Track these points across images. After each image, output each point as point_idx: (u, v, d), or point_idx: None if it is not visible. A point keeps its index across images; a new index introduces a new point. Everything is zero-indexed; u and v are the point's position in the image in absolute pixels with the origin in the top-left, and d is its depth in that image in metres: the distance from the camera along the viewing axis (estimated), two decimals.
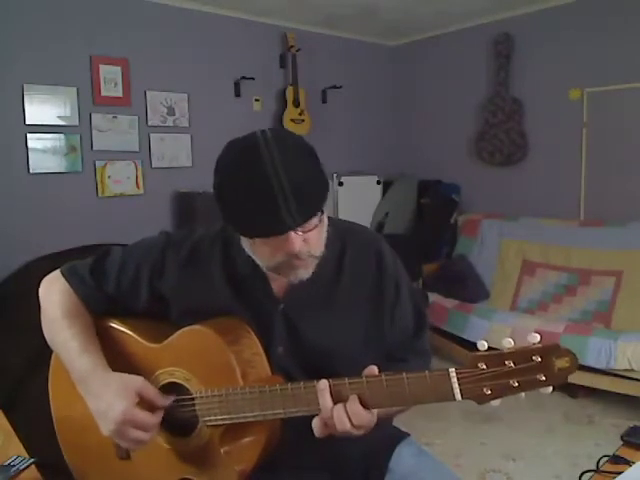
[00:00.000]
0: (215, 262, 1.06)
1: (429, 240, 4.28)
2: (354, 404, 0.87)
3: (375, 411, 0.90)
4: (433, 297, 3.75)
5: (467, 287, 3.75)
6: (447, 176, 4.44)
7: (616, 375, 2.81)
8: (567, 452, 2.49)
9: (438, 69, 4.51)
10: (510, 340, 0.83)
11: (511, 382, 0.81)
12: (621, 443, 1.18)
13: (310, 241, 0.91)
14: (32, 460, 1.05)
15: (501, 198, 4.16)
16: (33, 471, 1.04)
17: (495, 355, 0.82)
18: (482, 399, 0.83)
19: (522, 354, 0.81)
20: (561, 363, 0.80)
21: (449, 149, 4.48)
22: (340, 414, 0.87)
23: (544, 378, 0.81)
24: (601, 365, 2.80)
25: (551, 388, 0.81)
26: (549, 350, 0.81)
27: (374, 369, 0.90)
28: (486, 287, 3.80)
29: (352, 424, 0.88)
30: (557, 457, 2.46)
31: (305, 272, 0.94)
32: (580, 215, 3.73)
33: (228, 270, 1.05)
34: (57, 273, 1.13)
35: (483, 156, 4.16)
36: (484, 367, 0.82)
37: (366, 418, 0.88)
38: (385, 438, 1.12)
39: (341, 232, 1.06)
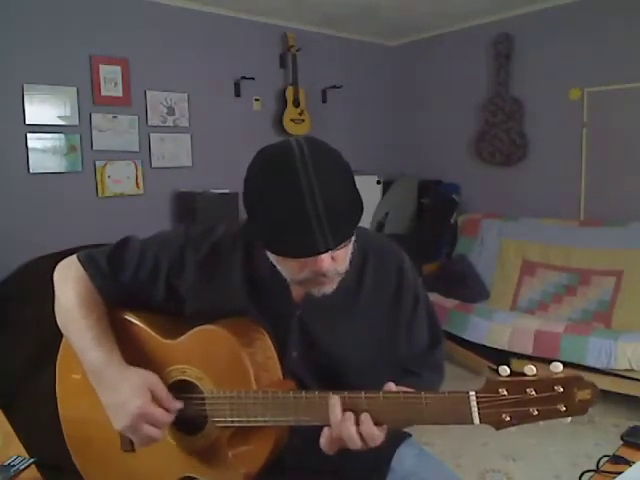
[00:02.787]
0: (235, 263, 1.04)
1: (429, 240, 4.28)
2: (368, 425, 0.87)
3: (386, 427, 0.89)
4: (433, 297, 3.74)
5: (467, 287, 3.75)
6: (447, 176, 4.44)
7: (616, 375, 2.81)
8: (567, 452, 2.49)
9: (438, 69, 4.51)
10: (532, 367, 0.82)
11: (531, 410, 0.81)
12: (621, 443, 1.18)
13: (338, 259, 0.90)
14: (32, 460, 1.05)
15: (501, 198, 4.16)
16: (33, 471, 1.04)
17: (517, 382, 0.82)
18: (500, 425, 0.82)
19: (544, 383, 0.80)
20: (583, 395, 0.79)
21: (449, 149, 4.47)
22: (351, 433, 0.87)
23: (564, 409, 0.80)
24: (601, 365, 2.80)
25: (570, 418, 0.81)
26: (571, 381, 0.80)
27: (392, 385, 0.89)
28: (486, 287, 3.80)
29: (364, 443, 0.87)
30: (557, 457, 2.46)
31: (330, 287, 0.93)
32: (580, 215, 3.73)
33: (248, 272, 1.04)
34: (73, 258, 1.10)
35: (483, 156, 4.16)
36: (505, 393, 0.81)
37: (379, 437, 0.88)
38: (387, 439, 1.12)
39: (364, 243, 1.04)
